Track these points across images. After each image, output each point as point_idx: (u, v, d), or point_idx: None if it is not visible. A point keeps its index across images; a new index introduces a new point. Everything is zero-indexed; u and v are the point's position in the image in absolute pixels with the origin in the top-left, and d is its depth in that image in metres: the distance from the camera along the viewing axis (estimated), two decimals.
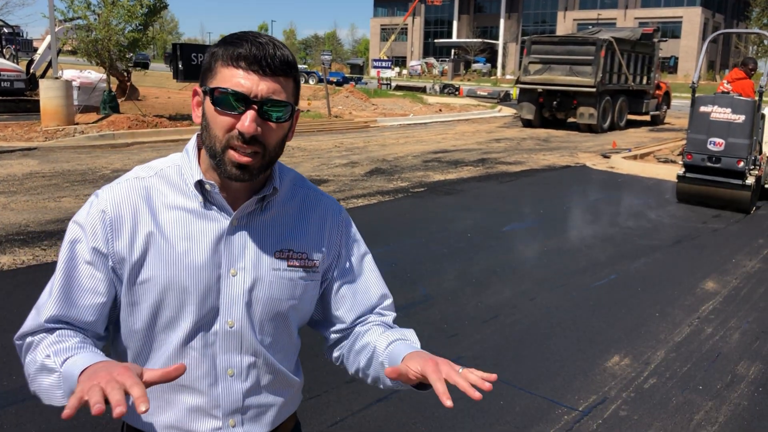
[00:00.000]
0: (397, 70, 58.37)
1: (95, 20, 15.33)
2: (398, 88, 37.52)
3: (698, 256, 6.74)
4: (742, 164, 8.46)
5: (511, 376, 3.87)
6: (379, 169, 11.16)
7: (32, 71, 17.91)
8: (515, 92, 24.69)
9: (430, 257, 6.21)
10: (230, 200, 1.27)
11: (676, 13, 64.02)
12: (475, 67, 66.50)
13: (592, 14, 65.39)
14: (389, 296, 1.47)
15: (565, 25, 67.06)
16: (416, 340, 1.35)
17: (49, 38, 15.66)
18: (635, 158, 13.33)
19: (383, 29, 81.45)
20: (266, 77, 1.16)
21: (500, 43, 71.76)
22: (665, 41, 25.79)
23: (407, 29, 78.78)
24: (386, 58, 45.12)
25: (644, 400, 3.67)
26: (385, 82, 36.26)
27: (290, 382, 1.40)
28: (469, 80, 56.13)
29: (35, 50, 20.10)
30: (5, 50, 20.22)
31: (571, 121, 20.16)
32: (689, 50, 62.24)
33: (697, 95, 8.88)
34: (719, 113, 8.56)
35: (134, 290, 1.25)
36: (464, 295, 5.24)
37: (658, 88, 22.46)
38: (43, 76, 16.65)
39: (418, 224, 7.53)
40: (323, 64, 22.58)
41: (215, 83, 1.18)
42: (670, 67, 38.45)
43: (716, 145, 8.57)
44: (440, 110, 25.18)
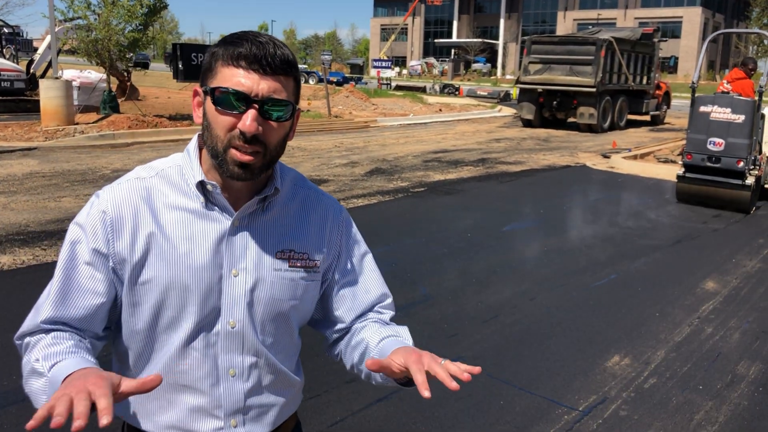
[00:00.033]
0: (397, 70, 58.39)
1: (95, 20, 15.33)
2: (398, 88, 37.53)
3: (698, 256, 6.74)
4: (741, 164, 8.45)
5: (511, 376, 3.87)
6: (379, 169, 11.16)
7: (32, 71, 17.91)
8: (515, 92, 24.68)
9: (430, 257, 6.22)
10: (232, 200, 1.27)
11: (676, 13, 64.04)
12: (475, 67, 66.51)
13: (592, 14, 65.41)
14: (389, 295, 1.47)
15: (565, 25, 67.07)
16: (408, 337, 1.35)
17: (49, 38, 15.66)
18: (635, 158, 13.34)
19: (383, 29, 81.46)
20: (267, 76, 1.17)
21: (500, 43, 71.77)
22: (665, 41, 25.79)
23: (407, 29, 78.79)
24: (386, 58, 45.11)
25: (644, 400, 3.67)
26: (385, 82, 36.28)
27: (291, 381, 1.40)
28: (469, 80, 56.13)
29: (35, 50, 20.09)
30: (5, 50, 20.22)
31: (571, 121, 20.16)
32: (689, 50, 62.26)
33: (696, 95, 8.87)
34: (719, 113, 8.55)
35: (135, 291, 1.25)
36: (464, 294, 5.24)
37: (658, 88, 22.46)
38: (43, 76, 16.65)
39: (418, 224, 7.53)
40: (323, 64, 22.57)
41: (216, 83, 1.18)
42: (670, 67, 38.47)
43: (716, 145, 8.57)
44: (440, 110, 25.18)
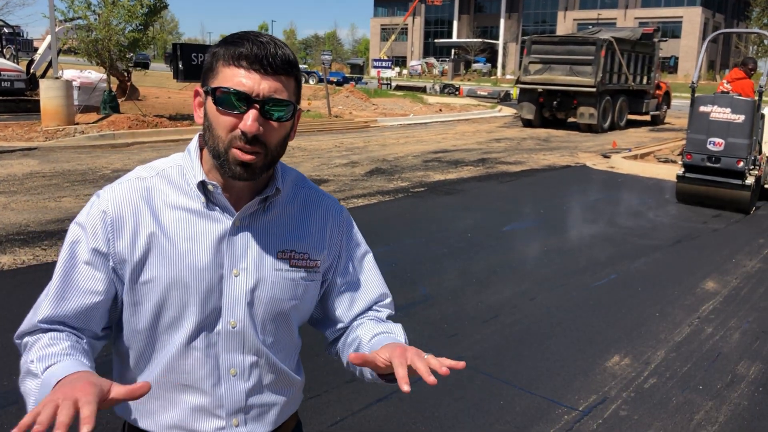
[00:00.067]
0: (397, 70, 58.40)
1: (95, 20, 15.33)
2: (398, 88, 37.53)
3: (698, 256, 6.75)
4: (741, 164, 8.45)
5: (511, 376, 3.87)
6: (379, 168, 11.16)
7: (32, 71, 17.91)
8: (515, 92, 24.69)
9: (430, 257, 6.22)
10: (233, 201, 1.27)
11: (676, 13, 64.03)
12: (475, 67, 66.51)
13: (592, 14, 65.42)
14: (388, 295, 1.47)
15: (565, 25, 67.07)
16: (401, 333, 1.35)
17: (49, 38, 15.66)
18: (635, 158, 13.33)
19: (383, 29, 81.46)
20: (268, 76, 1.17)
21: (500, 43, 71.76)
22: (665, 41, 25.80)
23: (407, 29, 78.79)
24: (386, 58, 45.11)
25: (644, 399, 3.67)
26: (385, 82, 36.29)
27: (292, 381, 1.40)
28: (469, 80, 56.13)
29: (35, 50, 20.10)
30: (5, 50, 20.22)
31: (571, 121, 20.16)
32: (689, 50, 62.25)
33: (696, 95, 8.87)
34: (719, 113, 8.55)
35: (136, 290, 1.25)
36: (464, 294, 5.24)
37: (658, 87, 22.46)
38: (43, 76, 16.65)
39: (418, 224, 7.53)
40: (323, 63, 22.56)
41: (217, 83, 1.18)
42: (670, 66, 38.49)
43: (716, 145, 8.56)
44: (440, 110, 25.18)
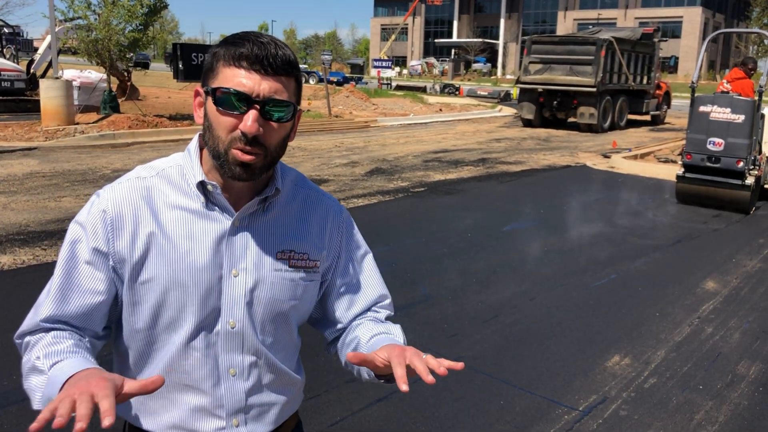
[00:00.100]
0: (397, 69, 58.42)
1: (95, 20, 15.33)
2: (398, 87, 37.54)
3: (698, 255, 6.74)
4: (741, 164, 8.45)
5: (511, 376, 3.87)
6: (379, 168, 11.16)
7: (32, 71, 17.91)
8: (515, 92, 24.69)
9: (430, 257, 6.22)
10: (232, 201, 1.27)
11: (676, 12, 64.03)
12: (475, 66, 66.51)
13: (592, 14, 65.42)
14: (388, 296, 1.47)
15: (565, 24, 67.05)
16: (400, 334, 1.35)
17: (49, 38, 15.66)
18: (635, 158, 13.33)
19: (383, 29, 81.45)
20: (268, 77, 1.17)
21: (500, 42, 71.75)
22: (665, 41, 25.80)
23: (407, 29, 78.78)
24: (386, 57, 45.14)
25: (644, 399, 3.67)
26: (385, 81, 36.30)
27: (292, 380, 1.40)
28: (469, 80, 56.13)
29: (35, 50, 20.10)
30: (5, 50, 20.23)
31: (571, 120, 20.16)
32: (689, 50, 62.24)
33: (696, 95, 8.86)
34: (719, 113, 8.55)
35: (136, 290, 1.25)
36: (464, 294, 5.24)
37: (658, 87, 22.46)
38: (43, 76, 16.64)
39: (418, 224, 7.53)
40: (323, 63, 22.56)
41: (217, 83, 1.18)
42: (670, 66, 38.43)
43: (716, 145, 8.56)
44: (440, 110, 25.18)
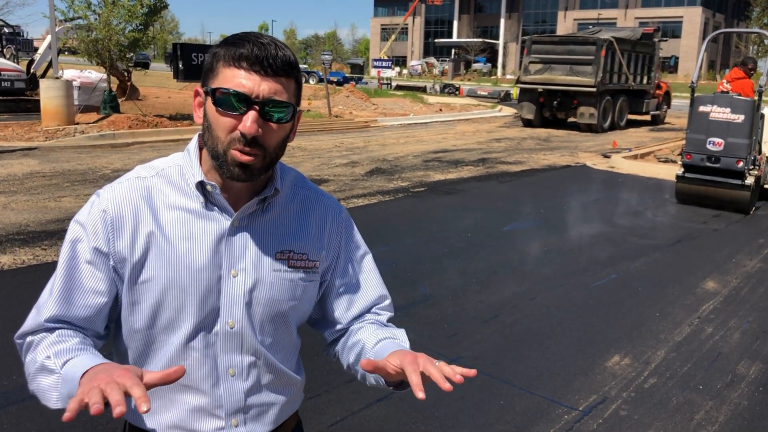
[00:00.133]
0: (397, 69, 58.43)
1: (95, 20, 15.33)
2: (398, 87, 37.54)
3: (698, 255, 6.74)
4: (741, 164, 8.44)
5: (511, 376, 3.87)
6: (379, 168, 11.16)
7: (33, 71, 17.91)
8: (515, 92, 24.68)
9: (430, 257, 6.22)
10: (231, 201, 1.27)
11: (676, 12, 64.03)
12: (475, 66, 66.51)
13: (592, 14, 65.41)
14: (387, 297, 1.47)
15: (565, 24, 67.06)
16: (405, 339, 1.35)
17: (49, 38, 15.66)
18: (635, 158, 13.33)
19: (383, 29, 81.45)
20: (268, 78, 1.16)
21: (500, 42, 71.75)
22: (665, 41, 25.80)
23: (407, 29, 78.77)
24: (386, 57, 45.12)
25: (644, 399, 3.67)
26: (385, 81, 36.30)
27: (291, 380, 1.40)
28: (469, 80, 56.13)
29: (36, 50, 20.10)
30: (6, 50, 20.23)
31: (571, 120, 20.16)
32: (689, 50, 62.24)
33: (696, 95, 8.86)
34: (718, 113, 8.54)
35: (135, 290, 1.25)
36: (464, 294, 5.24)
37: (658, 87, 22.47)
38: (43, 75, 16.65)
39: (418, 224, 7.53)
40: (323, 63, 22.56)
41: (217, 84, 1.18)
42: (670, 66, 38.45)
43: (715, 145, 8.56)
44: (440, 110, 25.18)
